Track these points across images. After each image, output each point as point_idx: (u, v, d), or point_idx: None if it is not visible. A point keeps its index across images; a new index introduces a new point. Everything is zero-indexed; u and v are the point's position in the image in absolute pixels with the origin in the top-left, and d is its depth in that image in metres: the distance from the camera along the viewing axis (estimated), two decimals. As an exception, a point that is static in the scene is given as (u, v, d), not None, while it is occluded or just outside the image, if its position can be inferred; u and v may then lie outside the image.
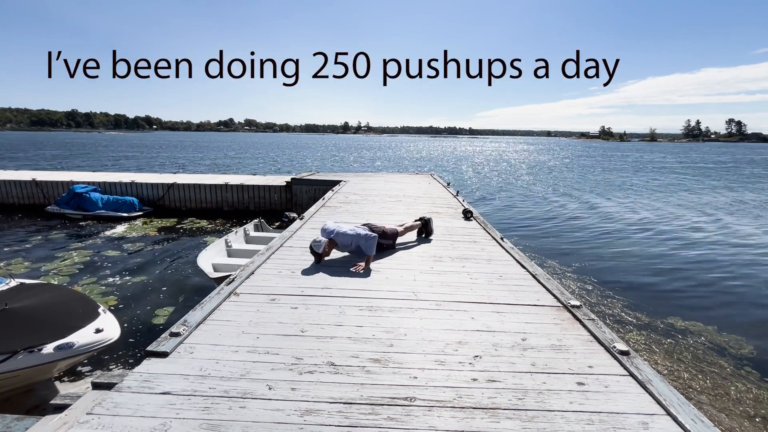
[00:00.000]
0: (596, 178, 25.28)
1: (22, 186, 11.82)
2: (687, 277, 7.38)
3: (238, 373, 2.12)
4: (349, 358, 2.30)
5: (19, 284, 4.07)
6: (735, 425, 3.54)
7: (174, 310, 5.55)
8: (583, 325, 2.78)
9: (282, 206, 11.76)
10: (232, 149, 52.99)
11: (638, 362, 2.28)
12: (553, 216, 12.84)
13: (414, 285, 3.50)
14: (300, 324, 2.72)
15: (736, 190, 19.94)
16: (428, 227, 5.18)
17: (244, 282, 3.45)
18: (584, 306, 3.08)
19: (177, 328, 2.50)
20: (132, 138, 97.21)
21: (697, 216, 13.10)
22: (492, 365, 2.26)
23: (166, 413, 1.79)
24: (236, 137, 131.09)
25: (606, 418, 1.83)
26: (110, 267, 7.16)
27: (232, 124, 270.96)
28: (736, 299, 6.41)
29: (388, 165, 33.84)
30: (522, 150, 72.51)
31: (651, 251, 8.96)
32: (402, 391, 2.00)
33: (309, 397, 1.93)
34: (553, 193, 18.09)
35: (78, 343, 3.35)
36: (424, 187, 10.61)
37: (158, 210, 11.71)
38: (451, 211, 7.11)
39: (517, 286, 3.54)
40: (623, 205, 15.12)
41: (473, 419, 1.81)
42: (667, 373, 4.30)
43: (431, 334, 2.62)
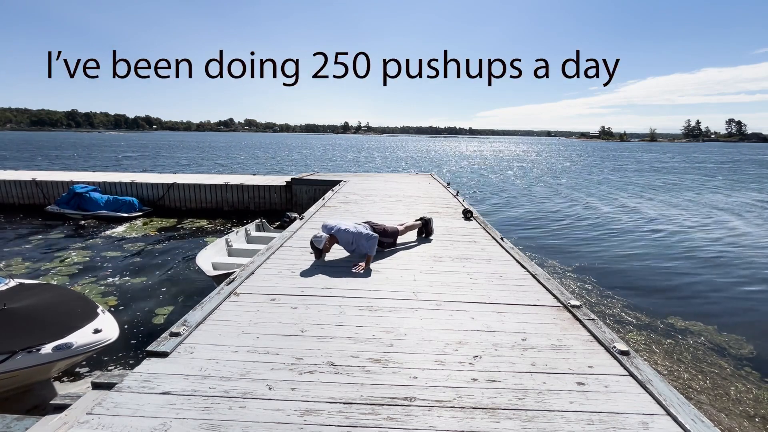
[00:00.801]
0: (596, 178, 25.29)
1: (22, 186, 11.82)
2: (687, 277, 7.38)
3: (238, 373, 2.12)
4: (349, 358, 2.30)
5: (18, 284, 4.07)
6: (735, 425, 3.54)
7: (174, 310, 5.54)
8: (583, 325, 2.78)
9: (282, 206, 11.76)
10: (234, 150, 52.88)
11: (638, 362, 2.28)
12: (553, 216, 12.84)
13: (414, 285, 3.50)
14: (300, 324, 2.72)
15: (738, 190, 19.94)
16: (428, 227, 5.18)
17: (244, 282, 3.45)
18: (584, 306, 3.08)
19: (177, 328, 2.50)
20: (132, 138, 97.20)
21: (698, 216, 13.10)
22: (492, 365, 2.26)
23: (166, 413, 1.79)
24: (236, 137, 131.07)
25: (606, 418, 1.83)
26: (110, 267, 7.16)
27: (232, 124, 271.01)
28: (736, 299, 6.41)
29: (389, 165, 33.83)
30: (523, 150, 72.52)
31: (651, 251, 8.96)
32: (402, 391, 2.00)
33: (309, 397, 1.92)
34: (553, 193, 18.09)
35: (76, 343, 3.35)
36: (424, 187, 10.61)
37: (158, 210, 11.71)
38: (451, 211, 7.11)
39: (517, 286, 3.53)
40: (623, 204, 15.11)
41: (473, 419, 1.81)
42: (667, 373, 4.30)
43: (431, 334, 2.62)
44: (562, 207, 14.56)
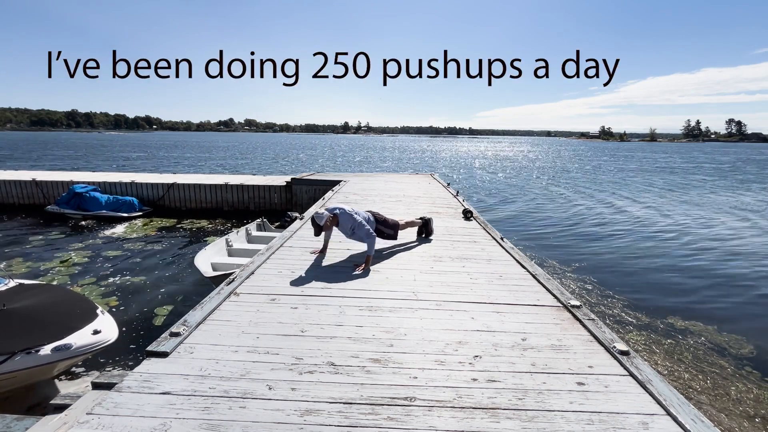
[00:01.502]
0: (597, 177, 25.28)
1: (22, 186, 11.82)
2: (687, 276, 7.38)
3: (238, 373, 2.12)
4: (349, 358, 2.30)
5: (18, 284, 4.06)
6: (735, 425, 3.54)
7: (174, 310, 5.54)
8: (583, 325, 2.78)
9: (282, 206, 11.76)
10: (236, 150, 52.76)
11: (638, 362, 2.27)
12: (553, 216, 12.84)
13: (414, 285, 3.50)
14: (300, 324, 2.72)
15: (740, 190, 19.93)
16: (428, 227, 5.18)
17: (244, 282, 3.45)
18: (584, 306, 3.08)
19: (177, 328, 2.50)
20: (132, 138, 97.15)
21: (698, 215, 13.09)
22: (492, 365, 2.26)
23: (166, 413, 1.79)
24: (236, 137, 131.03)
25: (606, 418, 1.83)
26: (110, 267, 7.16)
27: (232, 124, 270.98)
28: (736, 299, 6.41)
29: (388, 165, 33.82)
30: (523, 150, 72.50)
31: (651, 251, 8.96)
32: (402, 391, 2.00)
33: (309, 397, 1.92)
34: (554, 193, 18.09)
35: (76, 344, 3.34)
36: (424, 187, 10.61)
37: (158, 210, 11.71)
38: (451, 211, 7.11)
39: (517, 286, 3.53)
40: (623, 205, 15.11)
41: (473, 419, 1.81)
42: (667, 373, 4.30)
43: (431, 334, 2.62)
44: (562, 207, 14.56)
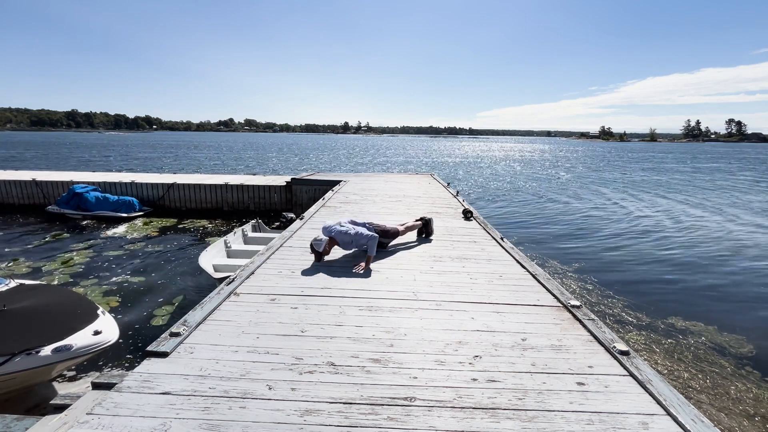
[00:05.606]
0: (597, 177, 25.27)
1: (22, 186, 11.82)
2: (687, 276, 7.38)
3: (238, 373, 2.12)
4: (349, 358, 2.29)
5: (18, 285, 4.06)
6: (735, 425, 3.54)
7: (174, 310, 5.55)
8: (583, 325, 2.77)
9: (282, 206, 11.76)
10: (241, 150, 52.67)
11: (638, 362, 2.27)
12: (553, 216, 12.83)
13: (414, 285, 3.50)
14: (300, 324, 2.72)
15: (740, 190, 19.92)
16: (428, 227, 5.18)
17: (244, 282, 3.45)
18: (584, 306, 3.08)
19: (177, 328, 2.50)
20: (132, 138, 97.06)
21: (699, 215, 13.09)
22: (492, 365, 2.26)
23: (166, 413, 1.79)
24: (236, 137, 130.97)
25: (606, 418, 1.83)
26: (110, 267, 7.16)
27: (232, 124, 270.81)
28: (736, 299, 6.41)
29: (388, 165, 33.81)
30: (522, 150, 72.45)
31: (651, 251, 8.95)
32: (402, 391, 2.00)
33: (309, 397, 1.92)
34: (554, 194, 18.08)
35: (76, 345, 3.33)
36: (424, 187, 10.60)
37: (158, 210, 11.71)
38: (451, 211, 7.11)
39: (517, 286, 3.53)
40: (623, 205, 15.11)
41: (473, 419, 1.81)
42: (667, 373, 4.30)
43: (431, 334, 2.62)
44: (562, 207, 14.55)
